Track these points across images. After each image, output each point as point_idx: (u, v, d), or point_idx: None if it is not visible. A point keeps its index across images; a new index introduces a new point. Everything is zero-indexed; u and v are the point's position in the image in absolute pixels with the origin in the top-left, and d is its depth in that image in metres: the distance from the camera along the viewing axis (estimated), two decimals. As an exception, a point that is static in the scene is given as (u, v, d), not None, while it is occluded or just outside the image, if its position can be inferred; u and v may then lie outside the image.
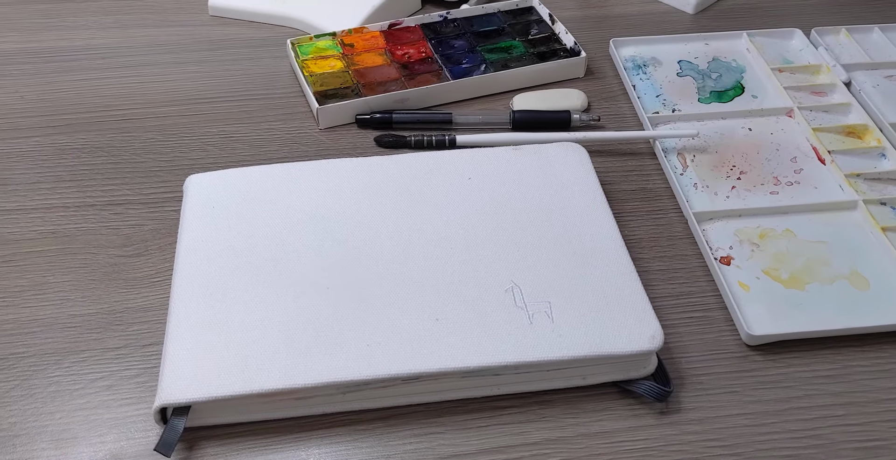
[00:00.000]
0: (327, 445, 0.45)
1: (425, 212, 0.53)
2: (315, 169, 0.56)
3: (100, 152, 0.63)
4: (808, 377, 0.48)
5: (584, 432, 0.45)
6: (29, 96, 0.68)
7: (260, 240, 0.51)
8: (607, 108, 0.67)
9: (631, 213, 0.58)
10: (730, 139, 0.63)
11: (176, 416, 0.43)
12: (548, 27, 0.73)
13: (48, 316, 0.51)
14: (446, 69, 0.68)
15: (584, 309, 0.47)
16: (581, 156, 0.57)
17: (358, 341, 0.45)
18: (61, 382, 0.47)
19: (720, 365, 0.49)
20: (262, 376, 0.44)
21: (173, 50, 0.73)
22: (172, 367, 0.44)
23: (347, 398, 0.45)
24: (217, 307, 0.47)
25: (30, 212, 0.58)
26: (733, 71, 0.70)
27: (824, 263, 0.53)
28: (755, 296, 0.51)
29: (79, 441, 0.45)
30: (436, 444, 0.45)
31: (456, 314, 0.46)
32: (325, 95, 0.65)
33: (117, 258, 0.55)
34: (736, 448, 0.45)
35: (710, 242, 0.55)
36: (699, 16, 0.78)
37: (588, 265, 0.49)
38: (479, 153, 0.57)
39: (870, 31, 0.74)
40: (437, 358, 0.44)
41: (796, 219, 0.57)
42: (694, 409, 0.46)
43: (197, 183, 0.55)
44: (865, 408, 0.46)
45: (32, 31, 0.75)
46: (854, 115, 0.65)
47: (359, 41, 0.71)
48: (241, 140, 0.64)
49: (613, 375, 0.47)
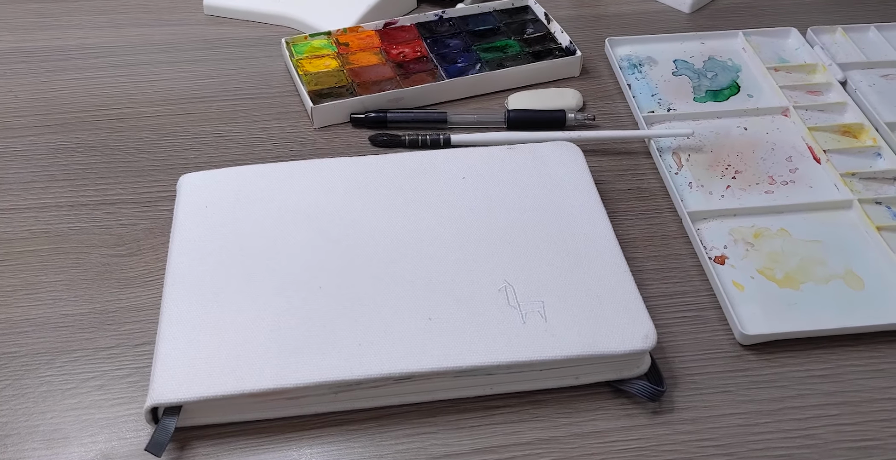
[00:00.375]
0: (319, 445, 0.45)
1: (419, 212, 0.53)
2: (309, 168, 0.56)
3: (93, 151, 0.62)
4: (801, 377, 0.48)
5: (577, 432, 0.45)
6: (23, 95, 0.68)
7: (253, 239, 0.51)
8: (602, 108, 0.67)
9: (625, 213, 0.58)
10: (725, 138, 0.63)
11: (167, 416, 0.43)
12: (543, 26, 0.73)
13: (40, 315, 0.51)
14: (441, 68, 0.68)
15: (578, 308, 0.47)
16: (576, 155, 0.57)
17: (350, 341, 0.45)
18: (53, 382, 0.47)
19: (714, 364, 0.48)
20: (253, 376, 0.43)
21: (167, 49, 0.73)
22: (164, 367, 0.44)
23: (339, 398, 0.45)
24: (209, 307, 0.47)
25: (23, 212, 0.57)
26: (729, 70, 0.70)
27: (819, 263, 0.53)
28: (749, 296, 0.51)
29: (70, 441, 0.45)
30: (428, 444, 0.45)
31: (449, 313, 0.46)
32: (320, 94, 0.65)
33: (110, 258, 0.54)
34: (729, 447, 0.44)
35: (705, 242, 0.55)
36: (695, 15, 0.78)
37: (582, 264, 0.49)
38: (473, 152, 0.57)
39: (866, 30, 0.74)
40: (430, 358, 0.44)
41: (791, 219, 0.56)
42: (687, 409, 0.46)
43: (190, 182, 0.55)
44: (859, 408, 0.46)
45: (26, 31, 0.75)
46: (850, 115, 0.65)
47: (354, 40, 0.71)
48: (235, 139, 0.64)
49: (606, 375, 0.47)
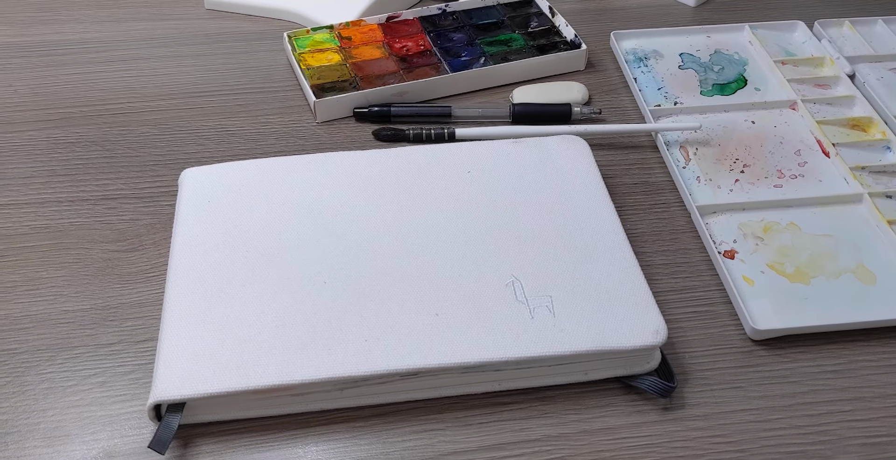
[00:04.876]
0: (325, 442, 0.44)
1: (424, 206, 0.52)
2: (312, 162, 0.55)
3: (94, 146, 0.62)
4: (814, 372, 0.47)
5: (586, 428, 0.45)
6: (23, 90, 0.67)
7: (256, 234, 0.50)
8: (608, 102, 0.66)
9: (633, 207, 0.57)
10: (733, 132, 0.62)
11: (170, 413, 0.42)
12: (548, 20, 0.72)
13: (41, 311, 0.50)
14: (445, 62, 0.67)
15: (586, 303, 0.46)
16: (582, 149, 0.56)
17: (356, 336, 0.44)
18: (54, 379, 0.47)
19: (724, 360, 0.48)
20: (258, 372, 0.43)
21: (169, 43, 0.72)
22: (167, 363, 0.43)
23: (345, 394, 0.45)
24: (212, 302, 0.46)
25: (23, 207, 0.57)
26: (735, 63, 0.69)
27: (830, 257, 0.53)
28: (760, 291, 0.51)
29: (71, 438, 0.44)
30: (436, 441, 0.44)
31: (455, 309, 0.46)
32: (323, 89, 0.64)
33: (111, 253, 0.54)
34: (741, 444, 0.44)
35: (714, 236, 0.54)
36: (700, 8, 0.77)
37: (590, 259, 0.48)
38: (478, 146, 0.56)
39: (873, 23, 0.73)
40: (437, 354, 0.44)
41: (801, 213, 0.56)
42: (698, 405, 0.46)
43: (192, 177, 0.54)
44: (872, 404, 0.46)
45: (26, 25, 0.75)
46: (858, 108, 0.64)
47: (356, 34, 0.70)
48: (237, 134, 0.63)
49: (616, 370, 0.46)
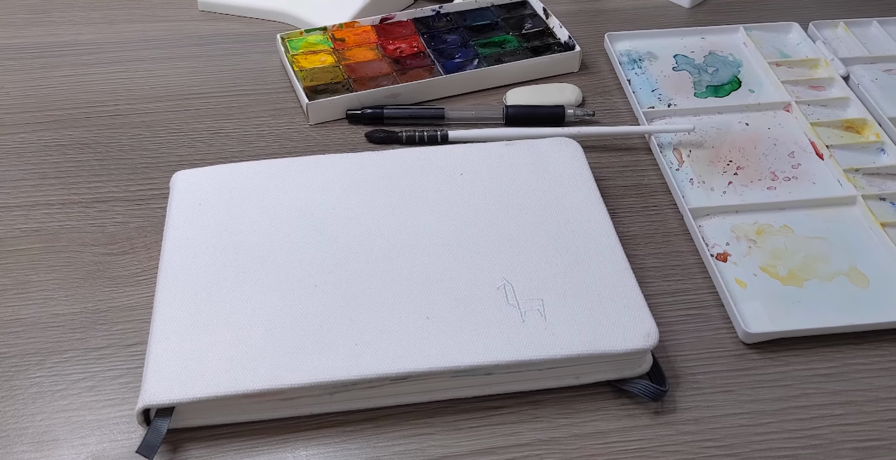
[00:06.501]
0: (315, 447, 0.44)
1: (416, 209, 0.52)
2: (304, 165, 0.55)
3: (86, 149, 0.61)
4: (806, 375, 0.47)
5: (577, 432, 0.44)
6: (14, 92, 0.67)
7: (247, 237, 0.50)
8: (602, 103, 0.66)
9: (626, 209, 0.57)
10: (726, 134, 0.62)
11: (159, 418, 0.42)
12: (542, 21, 0.72)
13: (30, 315, 0.50)
14: (439, 64, 0.67)
15: (578, 306, 0.46)
16: (575, 151, 0.56)
17: (346, 340, 0.44)
18: (43, 383, 0.46)
19: (716, 363, 0.48)
20: (247, 376, 0.43)
21: (162, 45, 0.72)
22: (156, 368, 0.43)
23: (335, 398, 0.44)
24: (202, 306, 0.46)
25: (13, 210, 0.57)
26: (730, 65, 0.69)
27: (823, 260, 0.53)
28: (752, 293, 0.50)
29: (60, 443, 0.44)
30: (426, 445, 0.44)
31: (446, 312, 0.45)
32: (316, 90, 0.64)
33: (102, 256, 0.53)
34: (732, 448, 0.44)
35: (707, 238, 0.54)
36: (695, 10, 0.77)
37: (582, 262, 0.48)
38: (471, 148, 0.56)
39: (868, 24, 0.73)
40: (427, 358, 0.43)
41: (794, 215, 0.56)
42: (690, 409, 0.45)
43: (184, 179, 0.54)
44: (865, 408, 0.45)
45: (18, 27, 0.74)
46: (852, 110, 0.64)
47: (350, 36, 0.70)
48: (229, 136, 0.63)
49: (607, 374, 0.46)
